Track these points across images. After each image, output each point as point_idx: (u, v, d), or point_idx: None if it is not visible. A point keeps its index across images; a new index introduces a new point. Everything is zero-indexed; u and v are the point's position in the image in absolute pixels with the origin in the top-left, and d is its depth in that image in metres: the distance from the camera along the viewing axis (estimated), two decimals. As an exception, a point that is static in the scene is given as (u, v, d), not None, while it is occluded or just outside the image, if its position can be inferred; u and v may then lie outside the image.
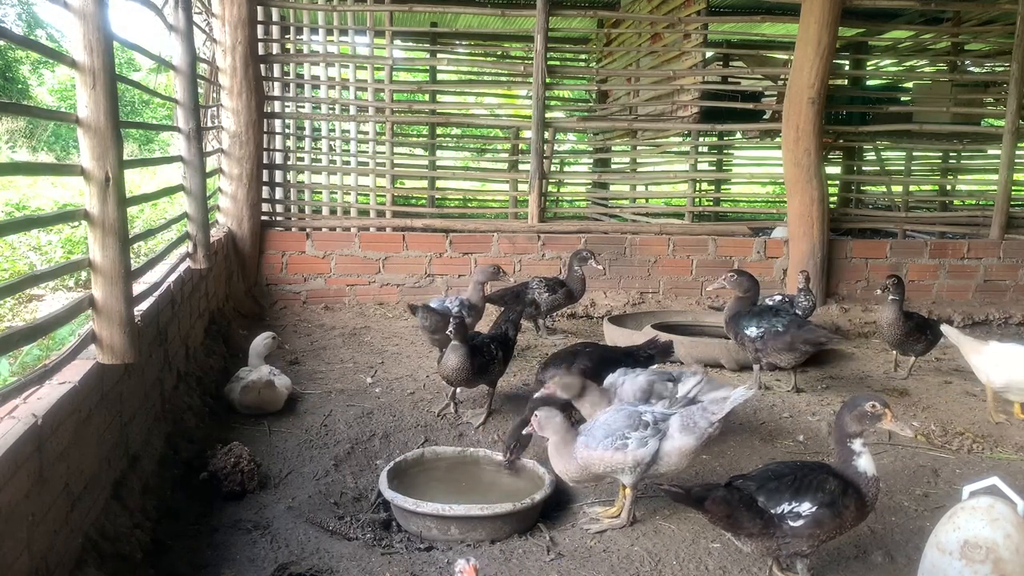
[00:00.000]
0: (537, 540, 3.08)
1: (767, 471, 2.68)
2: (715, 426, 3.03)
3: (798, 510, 2.50)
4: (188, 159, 4.48)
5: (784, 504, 2.52)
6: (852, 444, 2.59)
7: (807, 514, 2.50)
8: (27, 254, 8.41)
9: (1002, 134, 7.37)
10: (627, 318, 6.10)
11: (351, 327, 6.09)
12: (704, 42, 7.73)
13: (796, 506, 2.51)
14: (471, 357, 4.01)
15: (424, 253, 6.88)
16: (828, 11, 6.42)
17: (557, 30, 7.97)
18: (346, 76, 8.14)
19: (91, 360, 2.67)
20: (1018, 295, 7.33)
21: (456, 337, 3.98)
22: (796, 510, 2.51)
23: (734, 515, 2.53)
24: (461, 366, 3.99)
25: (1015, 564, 2.41)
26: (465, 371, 4.01)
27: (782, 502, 2.52)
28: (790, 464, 2.74)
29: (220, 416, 4.12)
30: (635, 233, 7.15)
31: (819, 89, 6.59)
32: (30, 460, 2.09)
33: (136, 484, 2.96)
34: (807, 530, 2.50)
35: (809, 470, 2.62)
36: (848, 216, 8.09)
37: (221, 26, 6.12)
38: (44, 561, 2.16)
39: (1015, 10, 7.09)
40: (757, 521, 2.52)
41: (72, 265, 2.74)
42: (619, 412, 3.08)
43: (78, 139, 2.62)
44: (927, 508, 3.35)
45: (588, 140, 12.83)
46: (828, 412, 4.44)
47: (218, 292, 5.56)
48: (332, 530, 3.14)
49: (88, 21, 2.53)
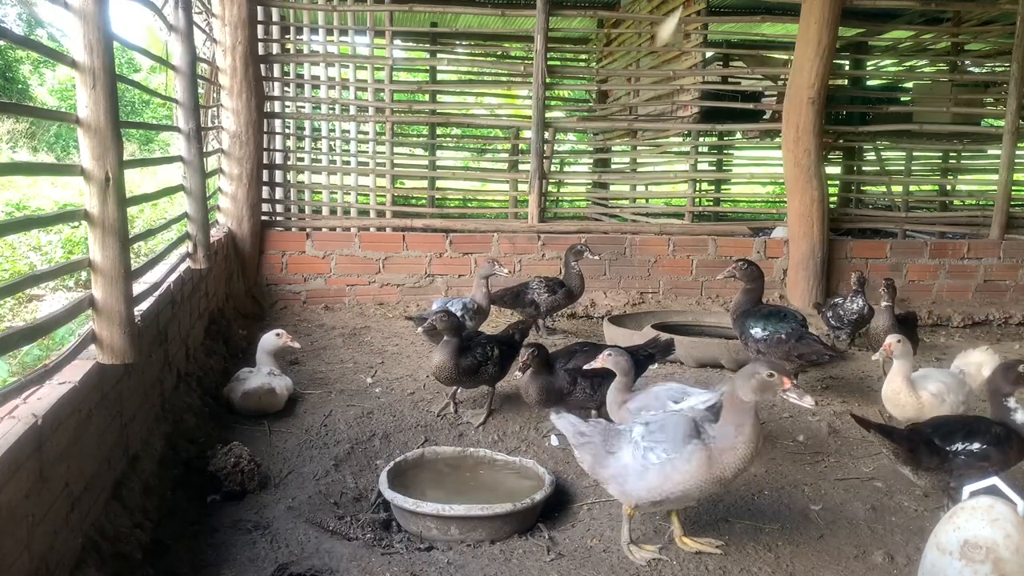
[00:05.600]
0: (537, 540, 3.08)
1: (937, 421, 3.24)
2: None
3: (970, 448, 3.01)
4: (188, 159, 4.49)
5: (957, 443, 3.05)
6: (1008, 402, 3.12)
7: (978, 451, 3.01)
8: (27, 254, 8.41)
9: (1002, 134, 7.37)
10: (627, 318, 6.10)
11: (351, 327, 6.09)
12: (704, 42, 7.73)
13: (968, 445, 3.03)
14: (458, 355, 4.01)
15: (424, 253, 6.88)
16: (828, 11, 6.42)
17: (557, 30, 7.96)
18: (346, 76, 8.14)
19: (91, 360, 2.67)
20: (1018, 295, 7.33)
21: (445, 331, 3.98)
22: (969, 448, 3.02)
23: (916, 451, 3.05)
24: (445, 364, 4.00)
25: (1015, 564, 2.41)
26: (450, 369, 4.01)
27: (955, 442, 3.05)
28: (955, 416, 3.41)
29: (220, 416, 4.12)
30: (635, 233, 7.15)
31: (819, 89, 6.59)
32: (30, 460, 2.09)
33: (136, 484, 2.96)
34: (977, 463, 3.00)
35: (974, 419, 3.21)
36: (848, 216, 8.09)
37: (221, 26, 6.12)
38: (44, 561, 2.16)
39: (1015, 10, 7.10)
40: (934, 458, 3.04)
41: (72, 265, 2.74)
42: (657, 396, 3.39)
43: (78, 139, 2.62)
44: (927, 508, 3.35)
45: (588, 140, 12.83)
46: (828, 413, 4.44)
47: (218, 292, 5.56)
48: (332, 530, 3.14)
49: (88, 21, 2.53)
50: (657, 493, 2.72)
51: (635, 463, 2.75)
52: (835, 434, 4.16)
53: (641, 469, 2.73)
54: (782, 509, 3.34)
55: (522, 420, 4.23)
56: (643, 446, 2.74)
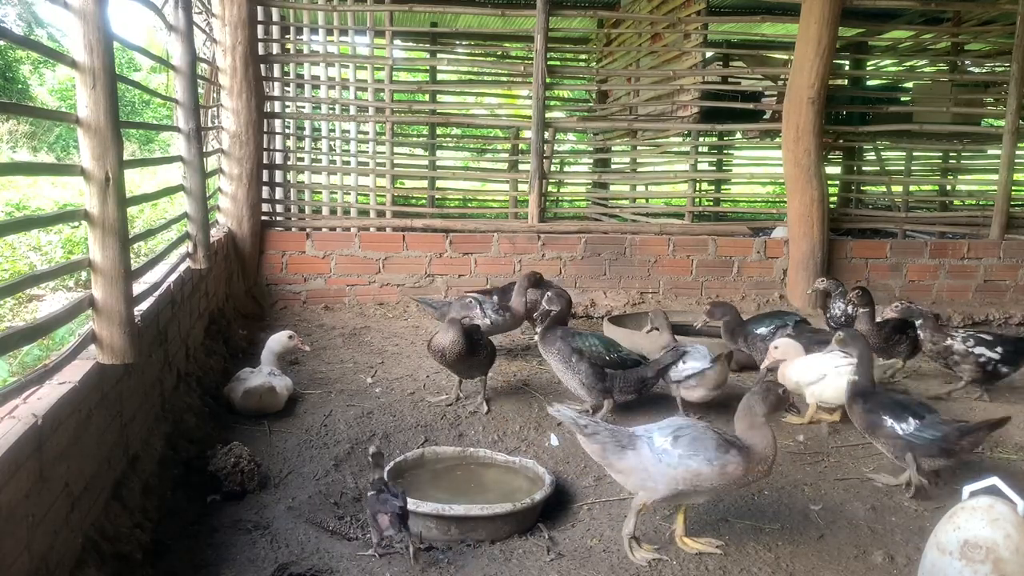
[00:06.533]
0: (537, 540, 3.08)
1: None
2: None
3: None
4: (188, 159, 4.48)
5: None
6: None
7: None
8: (27, 254, 8.41)
9: (1002, 134, 7.37)
10: (627, 318, 6.10)
11: (351, 327, 6.09)
12: (704, 42, 7.72)
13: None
14: (465, 335, 4.13)
15: (424, 253, 6.88)
16: (828, 11, 6.42)
17: (557, 30, 7.95)
18: (346, 76, 8.14)
19: (91, 360, 2.67)
20: (1018, 295, 7.33)
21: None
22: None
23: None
24: (456, 341, 4.09)
25: (1015, 564, 2.41)
26: (461, 346, 4.10)
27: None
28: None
29: (220, 416, 4.12)
30: (635, 233, 7.15)
31: (819, 89, 6.59)
32: (30, 460, 2.09)
33: (136, 484, 2.96)
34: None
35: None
36: (848, 216, 8.09)
37: (221, 26, 6.12)
38: (44, 561, 2.16)
39: (1015, 10, 7.10)
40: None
41: (72, 265, 2.74)
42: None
43: (78, 139, 2.62)
44: (927, 508, 3.35)
45: (588, 140, 12.82)
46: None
47: (218, 292, 5.56)
48: (332, 530, 3.14)
49: (88, 21, 2.53)
50: (682, 487, 2.82)
51: (660, 463, 2.80)
52: (835, 434, 4.16)
53: (668, 468, 2.79)
54: (782, 509, 3.34)
55: (522, 420, 4.23)
56: (676, 453, 2.80)
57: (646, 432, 2.92)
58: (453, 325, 4.11)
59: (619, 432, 2.93)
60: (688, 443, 2.81)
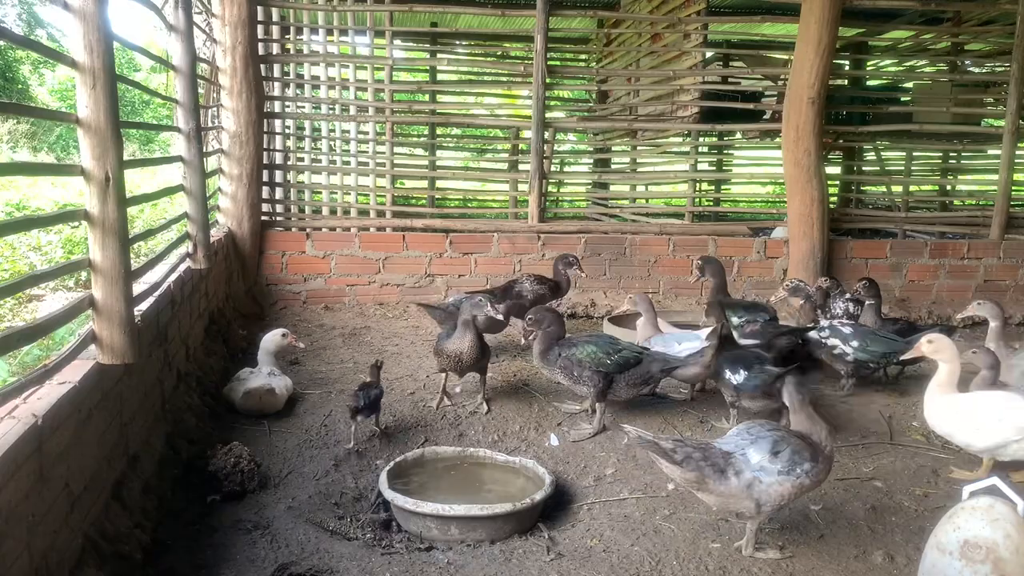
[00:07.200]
0: (537, 540, 3.08)
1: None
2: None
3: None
4: (188, 159, 4.48)
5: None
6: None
7: None
8: (27, 254, 8.41)
9: (1002, 134, 7.37)
10: (627, 318, 6.09)
11: (351, 327, 6.09)
12: (704, 42, 7.72)
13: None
14: (479, 338, 4.18)
15: (424, 253, 6.88)
16: (828, 11, 6.42)
17: (557, 30, 7.95)
18: (346, 76, 8.14)
19: (91, 360, 2.67)
20: (1018, 295, 7.33)
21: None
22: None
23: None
24: (474, 345, 4.12)
25: (1015, 564, 2.41)
26: (477, 349, 4.14)
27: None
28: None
29: (220, 416, 4.12)
30: (635, 233, 7.15)
31: (819, 89, 6.59)
32: (30, 460, 2.09)
33: (136, 484, 2.96)
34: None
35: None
36: (848, 216, 8.08)
37: (221, 26, 6.12)
38: (44, 561, 2.16)
39: (1015, 10, 7.09)
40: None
41: (72, 265, 2.74)
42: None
43: (78, 139, 2.62)
44: (927, 508, 3.35)
45: (588, 140, 12.82)
46: (827, 412, 4.43)
47: (218, 292, 5.56)
48: (332, 530, 3.14)
49: (88, 21, 2.53)
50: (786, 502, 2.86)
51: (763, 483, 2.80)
52: (835, 434, 4.15)
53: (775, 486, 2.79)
54: (782, 509, 3.33)
55: (522, 420, 4.23)
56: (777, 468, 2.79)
57: (737, 448, 2.84)
58: (468, 328, 4.07)
59: (711, 453, 2.82)
60: (788, 457, 2.79)
